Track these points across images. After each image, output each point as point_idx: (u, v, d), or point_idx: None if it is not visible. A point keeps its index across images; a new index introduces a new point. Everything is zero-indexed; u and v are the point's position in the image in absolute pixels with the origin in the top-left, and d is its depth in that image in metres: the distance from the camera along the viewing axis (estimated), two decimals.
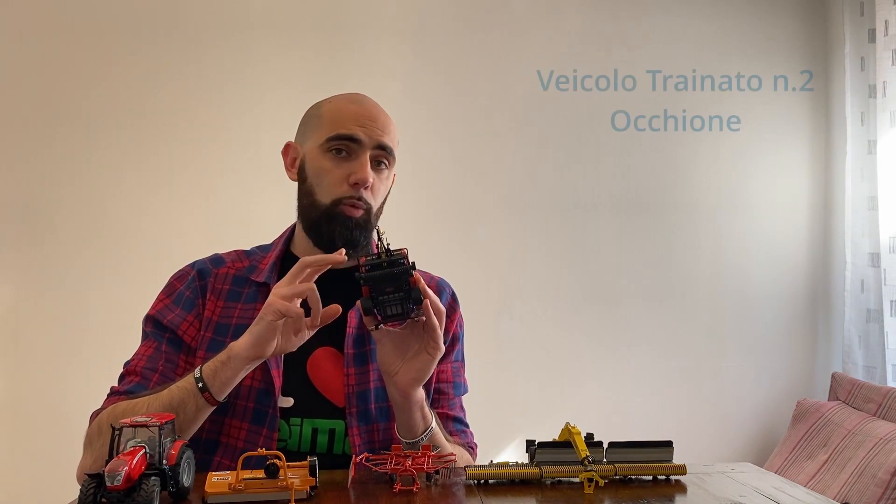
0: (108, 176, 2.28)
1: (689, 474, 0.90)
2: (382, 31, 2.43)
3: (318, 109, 1.16)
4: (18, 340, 2.26)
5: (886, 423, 2.11)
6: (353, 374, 1.10)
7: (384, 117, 1.14)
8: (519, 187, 2.50)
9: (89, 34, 2.28)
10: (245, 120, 2.32)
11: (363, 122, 1.11)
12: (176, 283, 1.16)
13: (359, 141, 1.09)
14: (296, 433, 1.07)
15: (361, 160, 1.09)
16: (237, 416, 1.07)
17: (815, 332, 2.66)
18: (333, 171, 1.09)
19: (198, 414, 0.97)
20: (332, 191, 1.10)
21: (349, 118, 1.11)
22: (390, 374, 1.00)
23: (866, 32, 2.40)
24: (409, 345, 0.99)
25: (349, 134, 1.09)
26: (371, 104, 1.15)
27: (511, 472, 0.87)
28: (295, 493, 0.79)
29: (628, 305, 2.56)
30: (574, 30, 2.52)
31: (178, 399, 0.96)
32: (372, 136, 1.10)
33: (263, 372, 1.07)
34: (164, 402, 0.96)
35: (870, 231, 2.38)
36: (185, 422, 0.96)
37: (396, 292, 0.93)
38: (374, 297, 0.94)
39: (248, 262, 1.17)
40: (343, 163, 1.10)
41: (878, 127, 2.33)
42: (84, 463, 1.02)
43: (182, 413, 0.95)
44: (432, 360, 0.98)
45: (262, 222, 1.23)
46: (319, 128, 1.12)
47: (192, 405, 0.96)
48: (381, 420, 1.10)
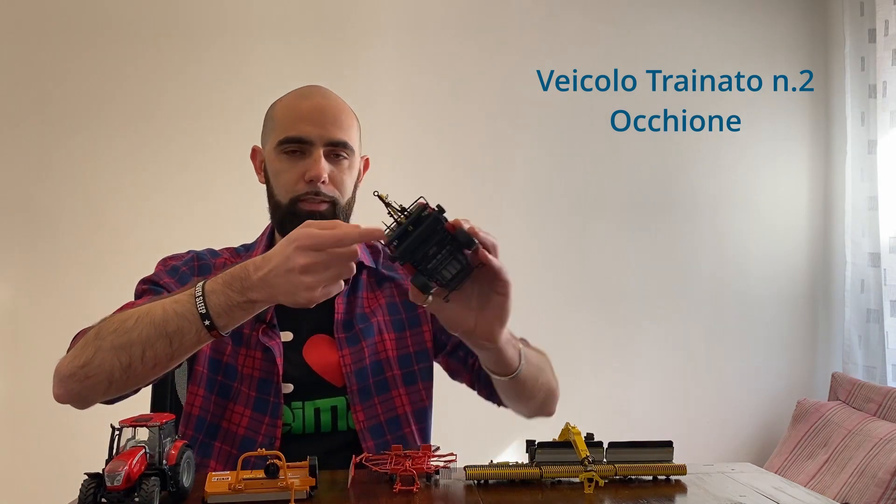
0: (108, 176, 2.28)
1: (689, 474, 0.90)
2: (382, 31, 2.43)
3: (272, 110, 1.16)
4: (18, 340, 2.26)
5: (886, 423, 2.11)
6: (348, 355, 1.12)
7: (335, 110, 1.12)
8: (519, 187, 2.50)
9: (89, 34, 2.28)
10: (245, 120, 2.31)
11: (312, 119, 1.09)
12: (170, 260, 1.17)
13: (308, 141, 1.09)
14: (299, 416, 1.09)
15: (314, 157, 1.09)
16: (241, 402, 1.09)
17: (815, 332, 2.66)
18: (289, 170, 1.10)
19: (196, 346, 0.92)
20: (288, 189, 1.10)
21: (298, 118, 1.10)
22: (468, 331, 0.89)
23: (866, 32, 2.40)
24: (469, 294, 0.87)
25: (298, 136, 1.09)
26: (320, 98, 1.13)
27: (511, 472, 0.87)
28: (295, 493, 0.79)
29: (628, 305, 2.56)
30: (574, 30, 2.52)
31: (174, 326, 0.89)
32: (322, 135, 1.09)
33: (264, 361, 1.09)
34: (157, 322, 0.90)
35: (870, 231, 2.38)
36: (180, 349, 0.90)
37: (441, 249, 0.80)
38: (422, 268, 0.80)
39: (238, 259, 1.19)
40: (298, 161, 1.10)
41: (878, 127, 2.33)
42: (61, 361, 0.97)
43: (177, 341, 0.89)
44: (506, 297, 0.87)
45: (261, 223, 1.23)
46: (273, 130, 1.13)
47: (191, 337, 0.89)
48: (380, 393, 1.12)
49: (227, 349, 1.10)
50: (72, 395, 0.95)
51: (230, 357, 1.10)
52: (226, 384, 1.10)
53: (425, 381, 1.18)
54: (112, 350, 0.91)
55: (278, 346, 1.09)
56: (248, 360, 1.10)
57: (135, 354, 0.90)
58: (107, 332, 0.93)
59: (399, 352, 1.16)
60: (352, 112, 1.15)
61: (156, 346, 0.90)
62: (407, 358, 1.16)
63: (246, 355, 1.10)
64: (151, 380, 0.96)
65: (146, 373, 0.92)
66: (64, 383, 0.95)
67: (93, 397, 0.96)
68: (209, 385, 1.10)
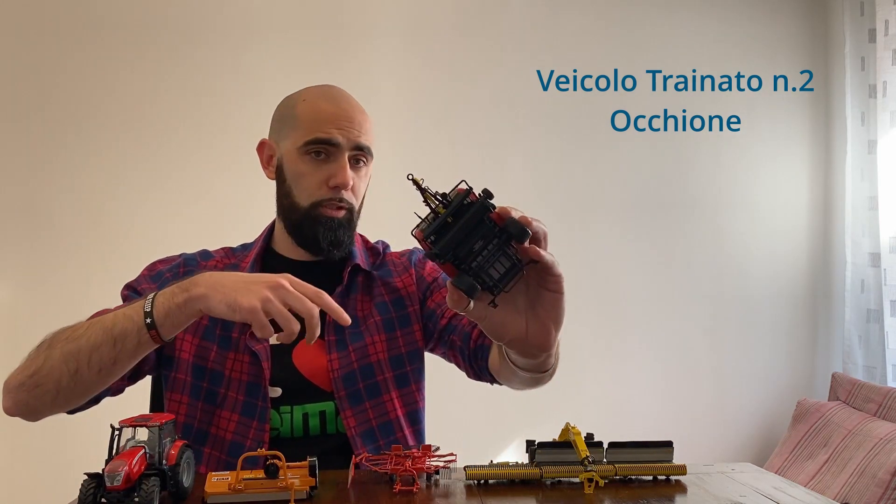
0: (108, 176, 2.28)
1: (689, 474, 0.90)
2: (382, 31, 2.43)
3: (293, 109, 1.13)
4: (18, 340, 2.24)
5: (886, 423, 2.11)
6: (336, 359, 1.10)
7: (360, 115, 1.11)
8: (519, 187, 2.50)
9: (88, 34, 2.28)
10: (244, 120, 2.32)
11: (340, 123, 1.08)
12: (158, 264, 1.17)
13: (337, 144, 1.08)
14: (287, 420, 1.08)
15: (340, 163, 1.08)
16: (227, 407, 1.08)
17: (816, 332, 2.66)
18: (313, 174, 1.09)
19: (138, 350, 0.89)
20: (311, 193, 1.09)
21: (326, 120, 1.09)
22: (518, 338, 0.75)
23: (866, 32, 2.40)
24: (516, 295, 0.73)
25: (327, 138, 1.08)
26: (346, 102, 1.12)
27: (511, 472, 0.87)
28: (295, 493, 0.79)
29: (628, 305, 2.56)
30: (574, 30, 2.52)
31: (119, 328, 0.88)
32: (350, 138, 1.08)
33: (252, 364, 1.08)
34: (107, 326, 0.89)
35: (870, 231, 2.39)
36: (122, 353, 0.88)
37: (488, 243, 0.67)
38: (466, 267, 0.67)
39: (234, 259, 1.18)
40: (322, 165, 1.09)
41: (878, 127, 2.33)
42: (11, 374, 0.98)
43: (121, 343, 0.88)
44: (560, 295, 0.73)
45: (261, 223, 1.23)
46: (296, 129, 1.10)
47: (133, 339, 0.88)
48: (371, 397, 1.11)
49: (210, 355, 1.09)
50: (19, 405, 0.96)
51: (215, 363, 1.09)
52: (212, 390, 1.08)
53: (418, 381, 1.16)
54: (62, 357, 0.91)
55: (265, 351, 1.08)
56: (236, 364, 1.09)
57: (82, 360, 0.90)
58: (58, 341, 0.93)
59: (391, 353, 1.14)
60: (368, 115, 1.14)
61: (101, 349, 0.89)
62: (399, 359, 1.15)
63: (234, 359, 1.09)
64: (100, 389, 0.95)
65: (92, 379, 0.91)
66: (11, 394, 0.95)
67: (41, 408, 0.96)
68: (193, 392, 1.09)
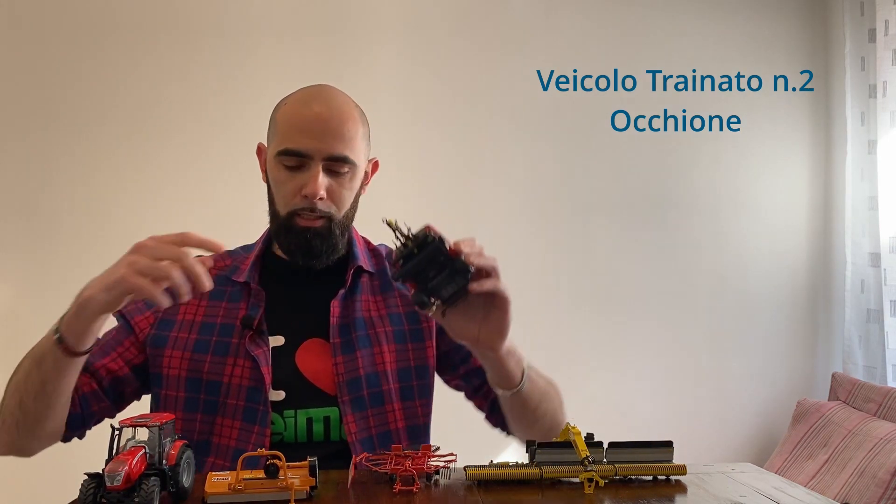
0: (109, 176, 2.28)
1: (689, 474, 0.90)
2: (382, 31, 2.43)
3: (276, 112, 1.11)
4: (18, 341, 2.24)
5: (887, 423, 2.11)
6: (342, 363, 1.09)
7: (337, 119, 1.06)
8: (519, 187, 2.50)
9: (89, 34, 2.27)
10: (246, 121, 2.31)
11: (313, 132, 1.04)
12: None
13: (306, 155, 1.05)
14: (290, 425, 1.06)
15: (312, 172, 1.05)
16: (228, 415, 1.06)
17: (816, 332, 2.66)
18: (287, 183, 1.07)
19: (58, 367, 0.89)
20: (286, 202, 1.08)
21: (298, 129, 1.05)
22: (472, 341, 0.95)
23: (866, 32, 2.40)
24: (475, 308, 0.92)
25: (296, 149, 1.05)
26: (327, 108, 1.06)
27: (511, 472, 0.87)
28: (295, 494, 0.79)
29: (628, 305, 2.56)
30: (574, 30, 2.52)
31: (39, 350, 0.89)
32: (321, 149, 1.04)
33: (253, 369, 1.06)
34: (34, 351, 0.90)
35: (870, 231, 2.39)
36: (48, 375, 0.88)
37: (441, 271, 0.87)
38: (423, 286, 0.88)
39: (231, 261, 1.17)
40: (296, 174, 1.06)
41: (878, 127, 2.33)
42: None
43: (44, 364, 0.88)
44: (505, 312, 0.93)
45: (263, 224, 1.23)
46: (275, 135, 1.09)
47: (50, 358, 0.88)
48: (374, 405, 1.09)
49: (204, 367, 1.07)
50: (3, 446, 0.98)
51: (210, 373, 1.07)
52: (210, 400, 1.06)
53: (423, 398, 1.13)
54: (12, 390, 0.93)
55: (264, 355, 1.06)
56: (235, 370, 1.07)
57: (21, 390, 0.91)
58: (15, 372, 0.94)
59: (399, 364, 1.12)
60: (358, 116, 1.09)
61: (31, 375, 0.89)
62: (406, 371, 1.12)
63: (234, 365, 1.07)
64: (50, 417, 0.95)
65: (36, 407, 0.91)
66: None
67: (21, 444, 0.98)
68: (189, 405, 1.06)
